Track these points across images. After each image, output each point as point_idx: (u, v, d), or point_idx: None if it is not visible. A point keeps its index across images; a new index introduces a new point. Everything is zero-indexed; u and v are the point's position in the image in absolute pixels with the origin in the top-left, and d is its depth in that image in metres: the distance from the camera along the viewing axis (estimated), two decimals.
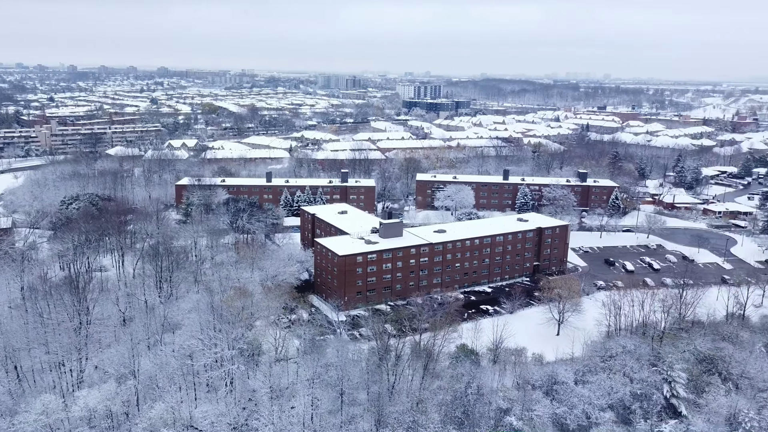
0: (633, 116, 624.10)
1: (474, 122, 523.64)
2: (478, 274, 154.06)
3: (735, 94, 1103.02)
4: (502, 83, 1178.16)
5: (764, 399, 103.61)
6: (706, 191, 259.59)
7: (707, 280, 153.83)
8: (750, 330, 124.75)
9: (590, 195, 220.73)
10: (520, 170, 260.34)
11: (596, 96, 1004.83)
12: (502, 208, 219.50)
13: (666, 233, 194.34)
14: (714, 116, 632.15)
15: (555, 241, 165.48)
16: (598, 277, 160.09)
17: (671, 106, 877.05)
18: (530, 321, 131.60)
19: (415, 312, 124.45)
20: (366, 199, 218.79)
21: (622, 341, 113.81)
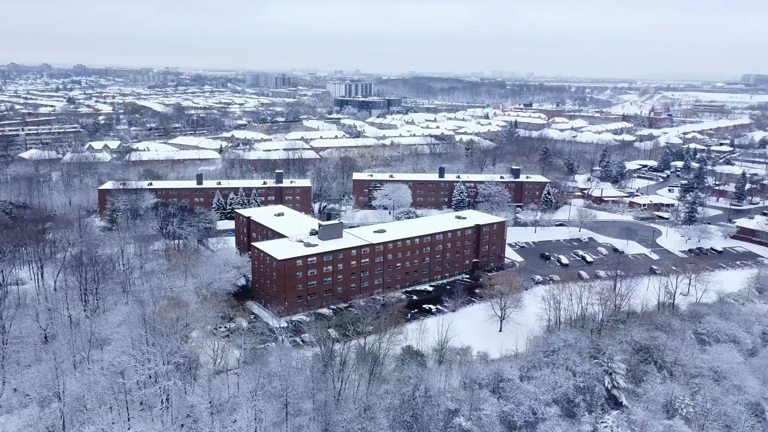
0: (558, 113, 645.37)
1: (406, 120, 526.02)
2: (419, 274, 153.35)
3: (649, 91, 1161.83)
4: (431, 81, 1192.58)
5: (697, 385, 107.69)
6: (630, 184, 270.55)
7: (637, 271, 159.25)
8: (680, 318, 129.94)
9: (523, 191, 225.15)
10: (454, 168, 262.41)
11: (522, 93, 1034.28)
12: (438, 206, 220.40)
13: (596, 226, 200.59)
14: (632, 112, 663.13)
15: (493, 238, 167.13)
16: (535, 272, 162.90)
17: (592, 102, 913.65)
18: (473, 318, 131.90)
19: (359, 315, 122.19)
20: (302, 199, 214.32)
21: (563, 335, 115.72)
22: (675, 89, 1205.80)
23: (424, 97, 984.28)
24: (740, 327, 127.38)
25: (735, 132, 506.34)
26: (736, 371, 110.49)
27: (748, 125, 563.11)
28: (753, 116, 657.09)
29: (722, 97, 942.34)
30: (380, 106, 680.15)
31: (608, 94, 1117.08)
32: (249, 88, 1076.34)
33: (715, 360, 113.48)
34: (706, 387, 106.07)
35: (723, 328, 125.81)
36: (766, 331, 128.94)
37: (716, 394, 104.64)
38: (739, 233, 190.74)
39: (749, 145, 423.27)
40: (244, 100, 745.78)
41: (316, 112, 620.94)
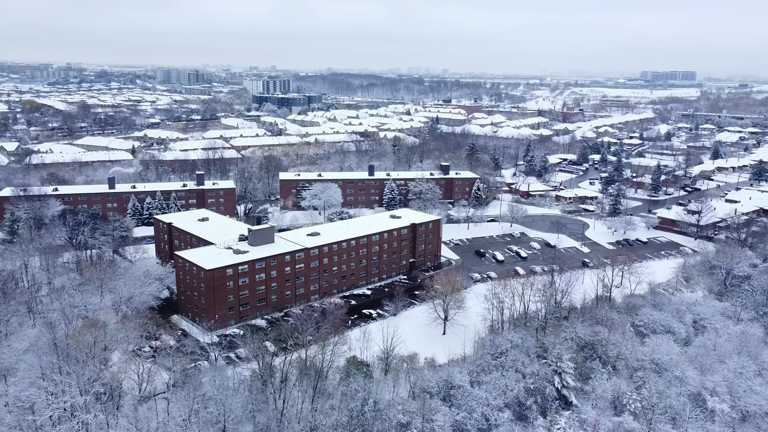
0: (476, 109, 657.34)
1: (329, 117, 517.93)
2: (356, 277, 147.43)
3: (559, 87, 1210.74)
4: (350, 78, 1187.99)
5: (640, 378, 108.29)
6: (554, 178, 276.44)
7: (571, 265, 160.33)
8: (617, 311, 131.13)
9: (454, 187, 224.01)
10: (382, 165, 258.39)
11: (440, 90, 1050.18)
12: (369, 205, 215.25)
13: (527, 221, 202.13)
14: (545, 108, 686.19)
15: (429, 236, 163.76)
16: (472, 270, 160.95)
17: (507, 98, 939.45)
18: (415, 322, 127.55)
19: (297, 325, 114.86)
20: (226, 202, 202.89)
21: (508, 335, 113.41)
22: (582, 85, 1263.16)
23: (343, 93, 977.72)
24: (673, 317, 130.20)
25: (642, 125, 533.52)
26: (676, 362, 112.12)
27: (653, 119, 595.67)
28: (655, 110, 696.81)
29: (626, 93, 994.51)
30: (300, 102, 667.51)
31: (521, 90, 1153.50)
32: (160, 84, 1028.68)
33: (655, 352, 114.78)
34: (649, 380, 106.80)
35: (658, 319, 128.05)
36: (697, 320, 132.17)
37: (660, 386, 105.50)
38: (661, 224, 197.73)
39: (656, 137, 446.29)
40: (155, 98, 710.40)
41: (234, 110, 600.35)
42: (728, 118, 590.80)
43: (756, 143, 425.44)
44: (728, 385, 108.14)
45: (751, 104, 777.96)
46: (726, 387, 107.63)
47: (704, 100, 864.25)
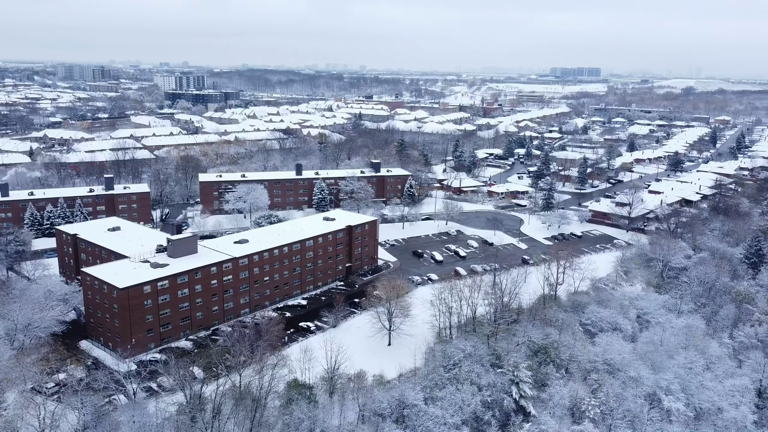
0: (399, 104, 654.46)
1: (248, 114, 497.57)
2: (290, 286, 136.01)
3: (476, 83, 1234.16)
4: (267, 74, 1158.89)
5: (596, 381, 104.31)
6: (483, 173, 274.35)
7: (511, 263, 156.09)
8: (564, 310, 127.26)
9: (386, 185, 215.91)
10: (309, 163, 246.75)
11: (360, 86, 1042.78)
12: (298, 206, 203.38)
13: (462, 218, 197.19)
14: (466, 103, 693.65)
15: (365, 239, 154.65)
16: (411, 272, 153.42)
17: (427, 94, 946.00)
18: (358, 333, 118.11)
19: (227, 345, 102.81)
20: (140, 208, 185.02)
21: (460, 344, 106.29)
22: (498, 81, 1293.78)
23: (262, 90, 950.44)
24: (619, 313, 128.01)
25: (559, 119, 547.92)
26: (628, 362, 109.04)
27: (568, 113, 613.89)
28: (569, 105, 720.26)
29: (540, 88, 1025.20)
30: (217, 99, 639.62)
31: (440, 86, 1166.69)
32: (62, 81, 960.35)
33: (607, 352, 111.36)
34: (605, 383, 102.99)
35: (605, 316, 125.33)
36: (641, 315, 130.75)
37: (616, 389, 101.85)
38: (594, 217, 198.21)
39: (574, 131, 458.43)
40: (56, 95, 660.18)
41: (145, 107, 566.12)
42: (637, 112, 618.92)
43: (666, 135, 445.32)
44: (681, 383, 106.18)
45: (655, 98, 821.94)
46: (679, 384, 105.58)
47: (612, 94, 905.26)
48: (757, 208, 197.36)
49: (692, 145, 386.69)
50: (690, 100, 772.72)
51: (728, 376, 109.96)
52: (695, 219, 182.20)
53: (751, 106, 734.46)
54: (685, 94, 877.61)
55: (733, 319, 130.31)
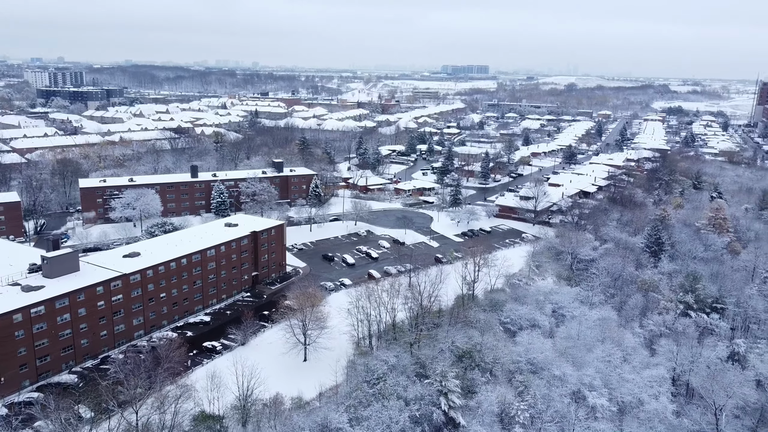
0: (296, 101, 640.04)
1: (134, 112, 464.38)
2: (190, 302, 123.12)
3: (372, 79, 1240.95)
4: (154, 70, 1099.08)
5: (521, 383, 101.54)
6: (387, 170, 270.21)
7: (424, 262, 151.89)
8: (483, 310, 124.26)
9: (290, 186, 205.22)
10: (205, 164, 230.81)
11: (254, 82, 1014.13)
12: (195, 211, 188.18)
13: (372, 218, 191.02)
14: (364, 100, 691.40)
15: (272, 245, 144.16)
16: (322, 277, 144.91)
17: (324, 91, 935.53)
18: (271, 350, 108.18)
19: (119, 376, 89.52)
20: (9, 220, 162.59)
21: (382, 355, 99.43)
22: (393, 78, 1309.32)
23: (148, 87, 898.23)
24: (536, 309, 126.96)
25: (455, 115, 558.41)
26: (551, 360, 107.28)
27: (464, 109, 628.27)
28: (464, 101, 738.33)
29: (434, 85, 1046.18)
30: (98, 97, 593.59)
31: (336, 82, 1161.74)
32: None
33: (529, 351, 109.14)
34: (531, 384, 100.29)
35: (523, 314, 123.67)
36: (556, 309, 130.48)
37: (542, 389, 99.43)
38: (501, 212, 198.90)
39: (471, 126, 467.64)
40: None
41: (14, 106, 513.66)
42: (528, 107, 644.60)
43: (556, 129, 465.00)
44: (602, 377, 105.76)
45: (542, 94, 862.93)
46: (601, 379, 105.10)
47: (502, 91, 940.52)
48: (650, 198, 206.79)
49: (581, 139, 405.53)
50: (573, 96, 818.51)
51: (645, 366, 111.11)
52: (596, 210, 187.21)
53: (627, 101, 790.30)
54: (568, 91, 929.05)
55: (642, 308, 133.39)
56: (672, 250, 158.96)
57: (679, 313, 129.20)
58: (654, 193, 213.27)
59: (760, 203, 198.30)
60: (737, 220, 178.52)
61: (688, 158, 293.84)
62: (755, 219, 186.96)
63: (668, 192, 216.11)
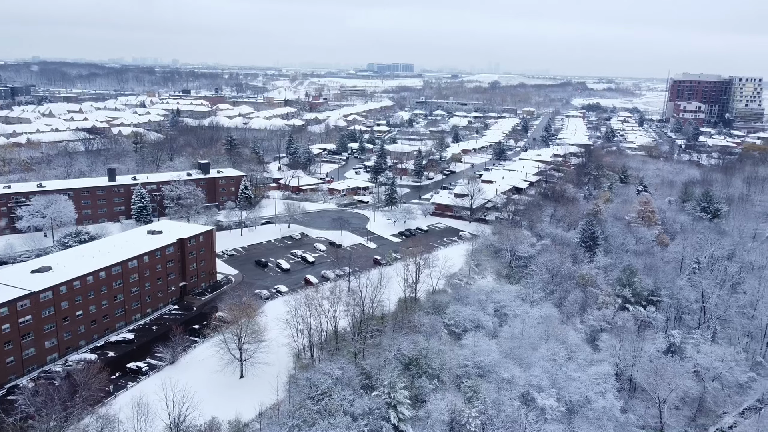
0: (220, 100, 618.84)
1: (43, 112, 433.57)
2: (111, 318, 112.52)
3: (298, 77, 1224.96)
4: (65, 67, 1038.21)
5: (470, 388, 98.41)
6: (319, 170, 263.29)
7: (363, 265, 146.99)
8: (426, 313, 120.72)
9: (218, 188, 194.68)
10: (124, 167, 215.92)
11: (174, 80, 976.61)
12: (114, 218, 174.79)
13: (306, 219, 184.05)
14: (291, 98, 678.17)
15: (201, 252, 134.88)
16: (256, 285, 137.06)
17: (249, 89, 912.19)
18: (203, 368, 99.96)
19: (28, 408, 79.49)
20: None
21: (326, 368, 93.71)
22: (319, 76, 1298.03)
23: (58, 85, 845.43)
24: (479, 309, 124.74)
25: (384, 113, 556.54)
26: (498, 361, 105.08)
27: (392, 106, 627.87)
28: (391, 98, 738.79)
29: (361, 83, 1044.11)
30: (2, 95, 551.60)
31: (261, 80, 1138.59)
32: None
33: (476, 354, 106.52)
34: (480, 389, 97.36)
35: (467, 315, 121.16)
36: (498, 308, 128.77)
37: (492, 393, 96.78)
38: (437, 210, 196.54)
39: (401, 124, 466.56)
40: None
41: None
42: (455, 104, 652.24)
43: (484, 126, 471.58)
44: (550, 377, 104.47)
45: (467, 92, 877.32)
46: (548, 379, 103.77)
47: (428, 89, 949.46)
48: (580, 193, 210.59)
49: (508, 135, 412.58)
50: (497, 93, 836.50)
51: (589, 363, 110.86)
52: (530, 206, 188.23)
53: (549, 98, 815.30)
54: (492, 88, 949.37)
55: (581, 303, 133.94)
56: (606, 244, 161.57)
57: (618, 307, 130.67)
58: (584, 188, 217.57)
59: (683, 195, 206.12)
60: (663, 213, 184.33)
61: (612, 153, 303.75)
62: (679, 211, 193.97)
63: (597, 186, 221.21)
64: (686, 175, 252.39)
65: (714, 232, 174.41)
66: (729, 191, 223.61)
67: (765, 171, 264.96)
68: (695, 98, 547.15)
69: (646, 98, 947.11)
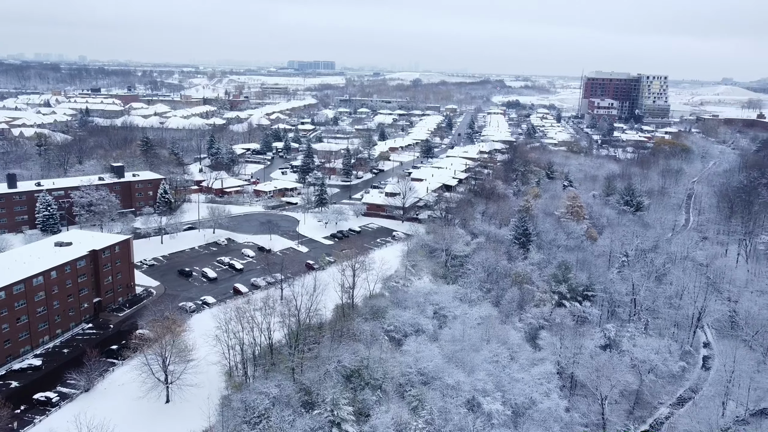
0: (133, 98, 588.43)
1: None
2: (13, 343, 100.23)
3: (217, 75, 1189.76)
4: None
5: (415, 397, 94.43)
6: (243, 171, 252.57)
7: (295, 270, 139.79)
8: (365, 319, 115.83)
9: (134, 193, 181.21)
10: (26, 173, 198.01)
11: (83, 78, 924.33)
12: (16, 229, 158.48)
13: (232, 224, 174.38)
14: (210, 96, 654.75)
15: (116, 264, 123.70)
16: (180, 297, 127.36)
17: (164, 87, 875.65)
18: (124, 394, 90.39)
19: None
20: None
21: (261, 387, 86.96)
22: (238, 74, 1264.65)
23: None
24: (418, 313, 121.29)
25: (308, 111, 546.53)
26: (442, 367, 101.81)
27: (316, 104, 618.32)
28: (315, 96, 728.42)
29: (283, 81, 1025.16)
30: None
31: (177, 78, 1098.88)
32: None
33: (419, 361, 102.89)
34: (425, 397, 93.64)
35: (407, 319, 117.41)
36: (437, 310, 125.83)
37: (438, 402, 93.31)
38: (369, 210, 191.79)
39: (326, 122, 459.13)
40: None
41: None
42: (379, 102, 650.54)
43: (409, 123, 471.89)
44: (494, 380, 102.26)
45: (390, 90, 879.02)
46: (493, 383, 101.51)
47: (351, 86, 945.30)
48: (510, 189, 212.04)
49: (434, 132, 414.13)
50: (420, 91, 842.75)
51: (531, 363, 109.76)
52: (462, 204, 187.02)
53: (470, 96, 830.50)
54: (414, 86, 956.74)
55: (519, 301, 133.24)
56: (538, 240, 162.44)
57: (555, 304, 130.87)
58: (513, 184, 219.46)
59: (606, 190, 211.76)
60: (591, 208, 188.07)
61: (536, 149, 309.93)
62: (604, 205, 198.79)
63: (525, 182, 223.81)
64: (606, 170, 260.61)
65: (638, 224, 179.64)
66: (648, 185, 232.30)
67: (677, 164, 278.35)
68: (607, 95, 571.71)
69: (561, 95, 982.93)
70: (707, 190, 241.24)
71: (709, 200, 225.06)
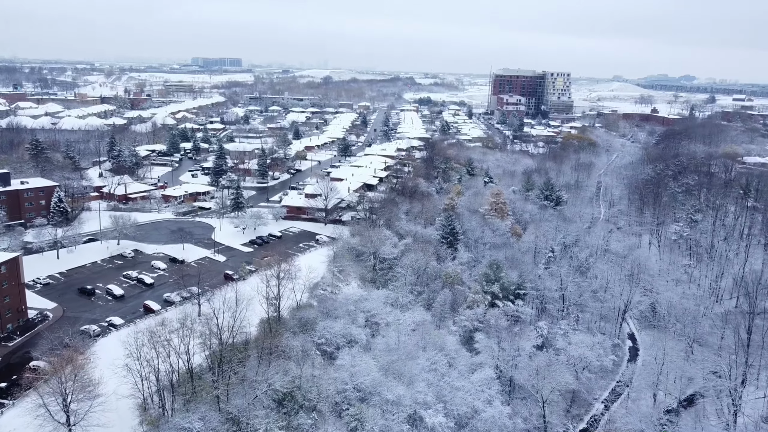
0: (21, 97, 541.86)
1: None
2: None
3: (115, 72, 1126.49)
4: None
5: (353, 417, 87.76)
6: (149, 174, 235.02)
7: (212, 282, 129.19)
8: (293, 332, 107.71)
9: (23, 202, 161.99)
10: None
11: None
12: None
13: (139, 233, 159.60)
14: (108, 94, 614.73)
15: (3, 286, 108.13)
16: (81, 319, 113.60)
17: (56, 85, 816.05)
18: None
19: None
20: None
21: (181, 421, 77.42)
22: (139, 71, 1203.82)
23: None
24: (350, 322, 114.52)
25: (216, 109, 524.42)
26: (379, 381, 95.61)
27: (224, 102, 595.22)
28: (222, 94, 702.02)
29: (187, 78, 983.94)
30: None
31: (71, 75, 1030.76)
32: None
33: (355, 376, 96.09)
34: (365, 416, 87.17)
35: (338, 330, 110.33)
36: (369, 318, 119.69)
37: (378, 420, 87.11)
38: (289, 213, 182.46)
39: (236, 121, 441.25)
40: None
41: None
42: (291, 100, 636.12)
43: (324, 122, 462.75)
44: (435, 391, 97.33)
45: (301, 87, 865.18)
46: (433, 394, 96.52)
47: (260, 84, 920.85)
48: (432, 187, 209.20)
49: (349, 130, 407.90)
50: (332, 88, 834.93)
51: (470, 368, 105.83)
52: (386, 204, 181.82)
53: (381, 93, 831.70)
54: (326, 83, 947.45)
55: (451, 303, 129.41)
56: (465, 238, 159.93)
57: (488, 304, 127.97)
58: (434, 181, 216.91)
59: (525, 185, 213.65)
60: (513, 203, 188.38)
61: (453, 146, 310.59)
62: (524, 200, 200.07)
63: (447, 180, 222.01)
64: (523, 165, 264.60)
65: (560, 219, 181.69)
66: (563, 179, 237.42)
67: (586, 158, 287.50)
68: (515, 92, 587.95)
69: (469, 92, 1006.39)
70: (616, 183, 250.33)
71: (620, 192, 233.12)
